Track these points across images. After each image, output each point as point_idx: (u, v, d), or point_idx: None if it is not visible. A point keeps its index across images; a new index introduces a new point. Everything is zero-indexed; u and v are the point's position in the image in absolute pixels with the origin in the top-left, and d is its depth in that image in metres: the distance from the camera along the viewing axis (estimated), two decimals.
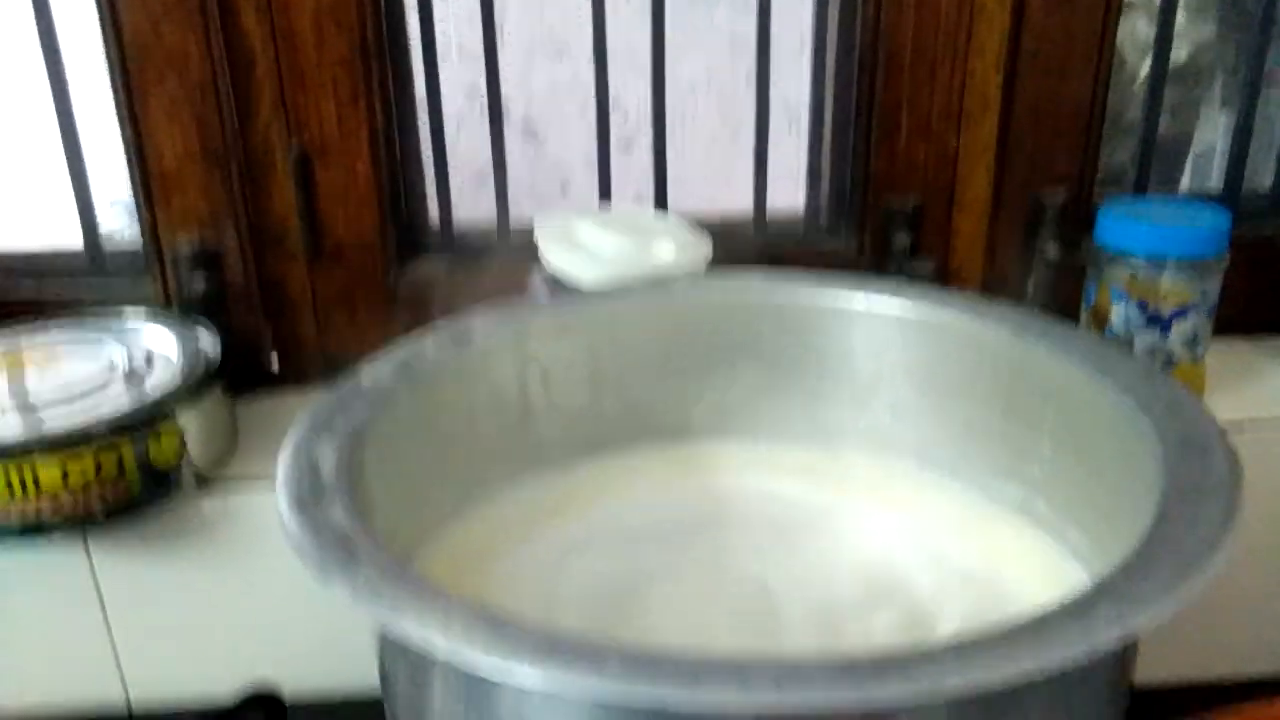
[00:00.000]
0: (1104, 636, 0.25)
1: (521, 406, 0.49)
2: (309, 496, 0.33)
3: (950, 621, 0.41)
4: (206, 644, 0.58)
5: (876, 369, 0.49)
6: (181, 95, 0.58)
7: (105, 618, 0.57)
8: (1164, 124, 0.69)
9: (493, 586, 0.43)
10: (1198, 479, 0.32)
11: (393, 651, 0.34)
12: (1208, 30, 0.80)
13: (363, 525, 0.32)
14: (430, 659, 0.31)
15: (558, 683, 0.25)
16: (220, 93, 0.58)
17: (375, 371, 0.43)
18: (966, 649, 0.25)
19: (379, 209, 0.62)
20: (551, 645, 0.26)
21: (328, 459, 0.36)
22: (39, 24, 0.60)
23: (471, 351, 0.46)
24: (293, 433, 0.37)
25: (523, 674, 0.25)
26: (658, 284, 0.51)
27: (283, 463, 0.35)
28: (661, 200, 0.66)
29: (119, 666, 0.59)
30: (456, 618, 0.27)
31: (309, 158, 0.60)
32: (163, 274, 0.62)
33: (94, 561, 0.56)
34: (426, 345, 0.45)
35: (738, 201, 0.67)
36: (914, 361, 0.48)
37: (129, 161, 0.60)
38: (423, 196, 0.66)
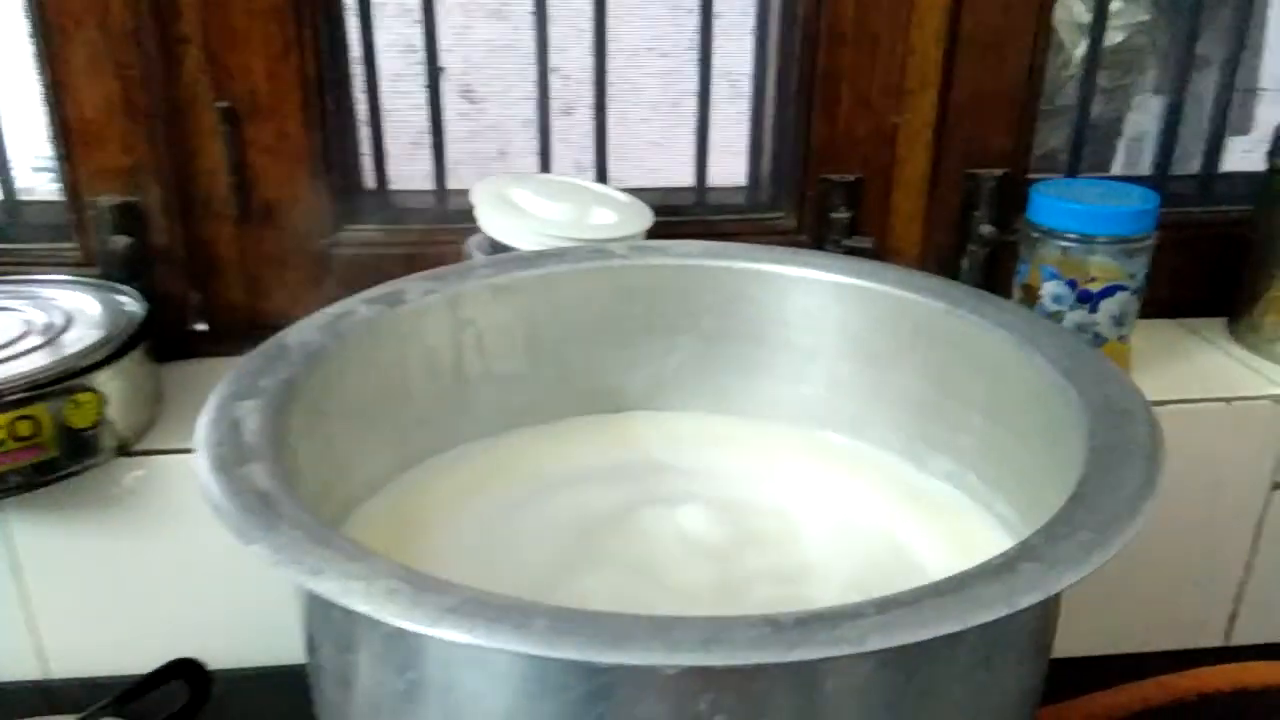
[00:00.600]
0: (1024, 596, 0.26)
1: (456, 372, 0.48)
2: (230, 457, 0.32)
3: (877, 591, 0.41)
4: (127, 614, 0.57)
5: (812, 342, 0.49)
6: (102, 43, 0.56)
7: (21, 586, 0.55)
8: (1098, 107, 0.70)
9: (424, 554, 0.42)
10: (1120, 445, 0.33)
11: (318, 617, 0.33)
12: (1142, 14, 0.82)
13: (286, 486, 0.31)
14: (355, 623, 0.31)
15: (485, 643, 0.25)
16: (143, 42, 0.56)
17: (302, 332, 0.41)
18: (889, 607, 0.25)
19: (311, 169, 0.60)
20: (477, 606, 0.25)
21: (251, 420, 0.35)
22: None
23: (404, 313, 0.45)
24: (215, 393, 0.36)
25: (449, 635, 0.25)
26: (596, 250, 0.51)
27: (203, 424, 0.34)
28: (602, 169, 0.66)
29: (36, 637, 0.57)
30: (380, 579, 0.26)
31: (237, 113, 0.58)
32: (83, 232, 0.59)
33: (11, 529, 0.54)
34: (357, 306, 0.44)
35: (679, 173, 0.66)
36: (849, 334, 0.48)
37: (48, 114, 0.57)
38: (357, 157, 0.65)
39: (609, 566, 0.43)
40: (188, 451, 0.54)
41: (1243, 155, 0.76)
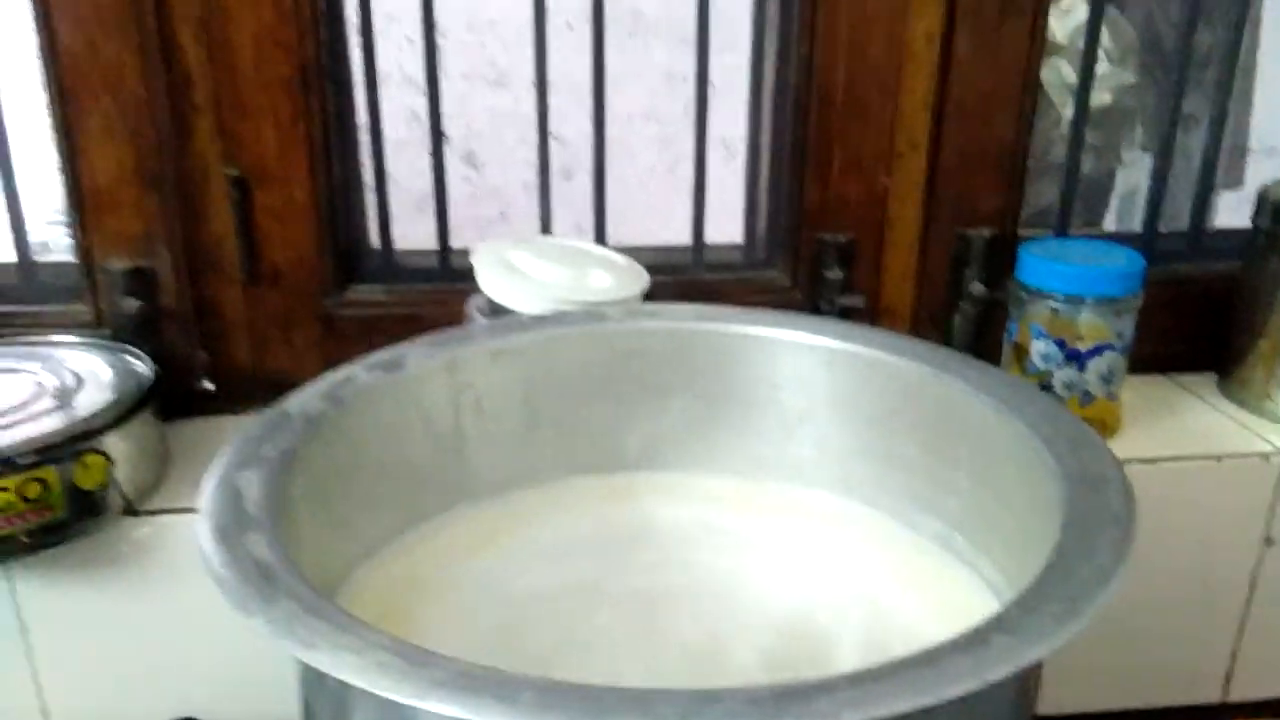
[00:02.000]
0: (996, 670, 0.26)
1: (455, 434, 0.49)
2: (232, 527, 0.33)
3: (862, 651, 0.42)
4: (131, 674, 0.57)
5: (803, 404, 0.50)
6: (116, 113, 0.58)
7: (27, 645, 0.56)
8: (1088, 165, 0.72)
9: (422, 617, 0.43)
10: (1094, 513, 0.34)
11: (313, 684, 0.34)
12: (1129, 77, 0.83)
13: (285, 557, 0.32)
14: (349, 692, 0.31)
15: (473, 716, 0.25)
16: (157, 112, 0.58)
17: (304, 399, 0.43)
18: (862, 681, 0.26)
19: (317, 233, 0.62)
20: (465, 680, 0.26)
21: (253, 488, 0.36)
22: None
23: (403, 378, 0.46)
24: (218, 462, 0.37)
25: (437, 708, 0.26)
26: (593, 314, 0.52)
27: (206, 493, 0.35)
28: (600, 230, 0.67)
29: (40, 696, 0.58)
30: (371, 652, 0.27)
31: (247, 180, 0.60)
32: (95, 295, 0.61)
33: (16, 588, 0.55)
34: (357, 372, 0.45)
35: (676, 233, 0.68)
36: (838, 396, 0.49)
37: (64, 180, 0.59)
38: (362, 221, 0.66)
39: (605, 629, 0.44)
40: (193, 511, 0.55)
41: (1233, 211, 0.77)
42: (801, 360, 0.50)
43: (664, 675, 0.41)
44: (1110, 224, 0.93)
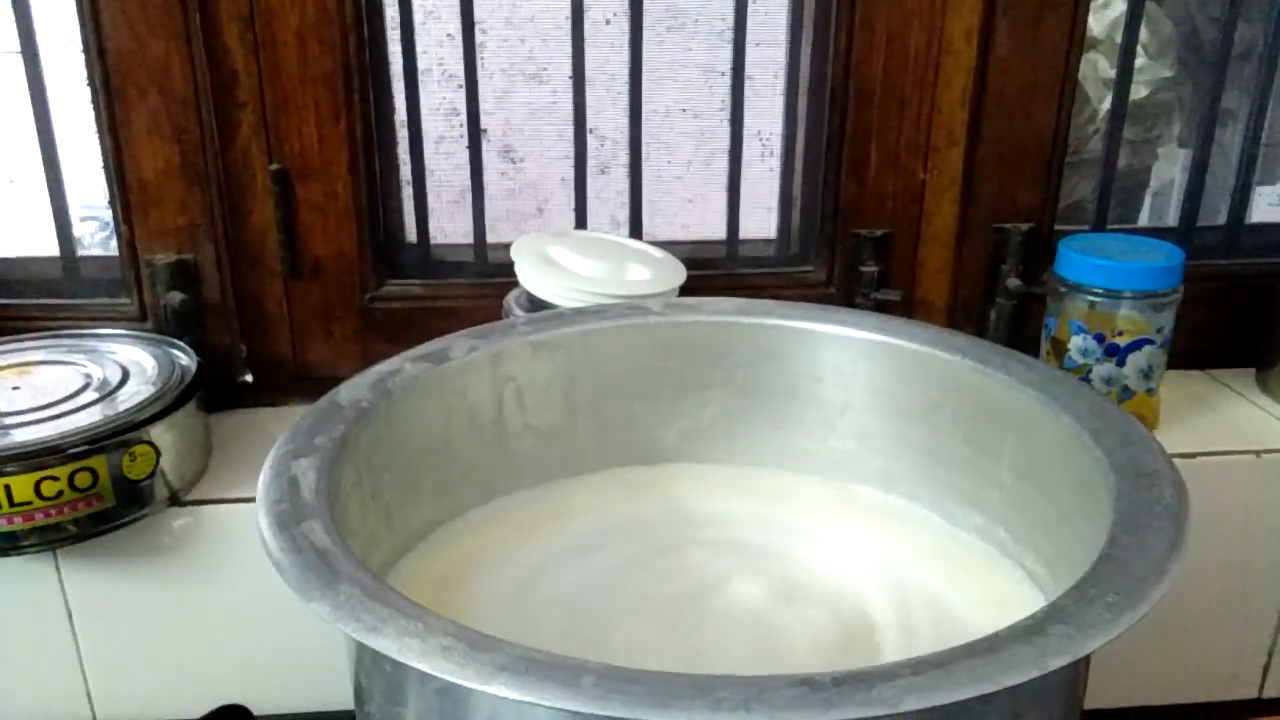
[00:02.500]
0: (1054, 659, 0.26)
1: (497, 426, 0.49)
2: (289, 515, 0.34)
3: (909, 643, 0.42)
4: (175, 660, 0.58)
5: (843, 397, 0.51)
6: (163, 110, 0.58)
7: (73, 633, 0.57)
8: (1124, 160, 0.72)
9: (468, 605, 0.44)
10: (1147, 508, 0.34)
11: (368, 668, 0.34)
12: (1166, 70, 0.83)
13: (342, 543, 0.33)
14: (406, 676, 0.32)
15: (535, 700, 0.26)
16: (202, 108, 0.59)
17: (353, 389, 0.43)
18: (924, 669, 0.26)
19: (357, 227, 0.63)
20: (528, 664, 0.27)
21: (308, 477, 0.36)
22: (20, 35, 0.60)
23: (448, 370, 0.47)
24: (273, 451, 0.38)
25: (500, 692, 0.26)
26: (633, 307, 0.52)
27: (263, 481, 0.36)
28: (636, 224, 0.68)
29: (85, 681, 0.58)
30: (435, 637, 0.28)
31: (289, 175, 0.61)
32: (139, 288, 0.62)
33: (63, 576, 0.56)
34: (404, 364, 0.46)
35: (711, 227, 0.68)
36: (879, 390, 0.49)
37: (107, 175, 0.60)
38: (400, 216, 0.67)
39: (645, 619, 0.44)
40: (236, 501, 0.56)
41: (1270, 208, 0.77)
42: (842, 353, 0.50)
43: (711, 664, 0.41)
44: (1144, 219, 0.93)
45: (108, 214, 0.90)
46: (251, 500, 0.55)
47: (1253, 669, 0.66)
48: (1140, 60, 0.74)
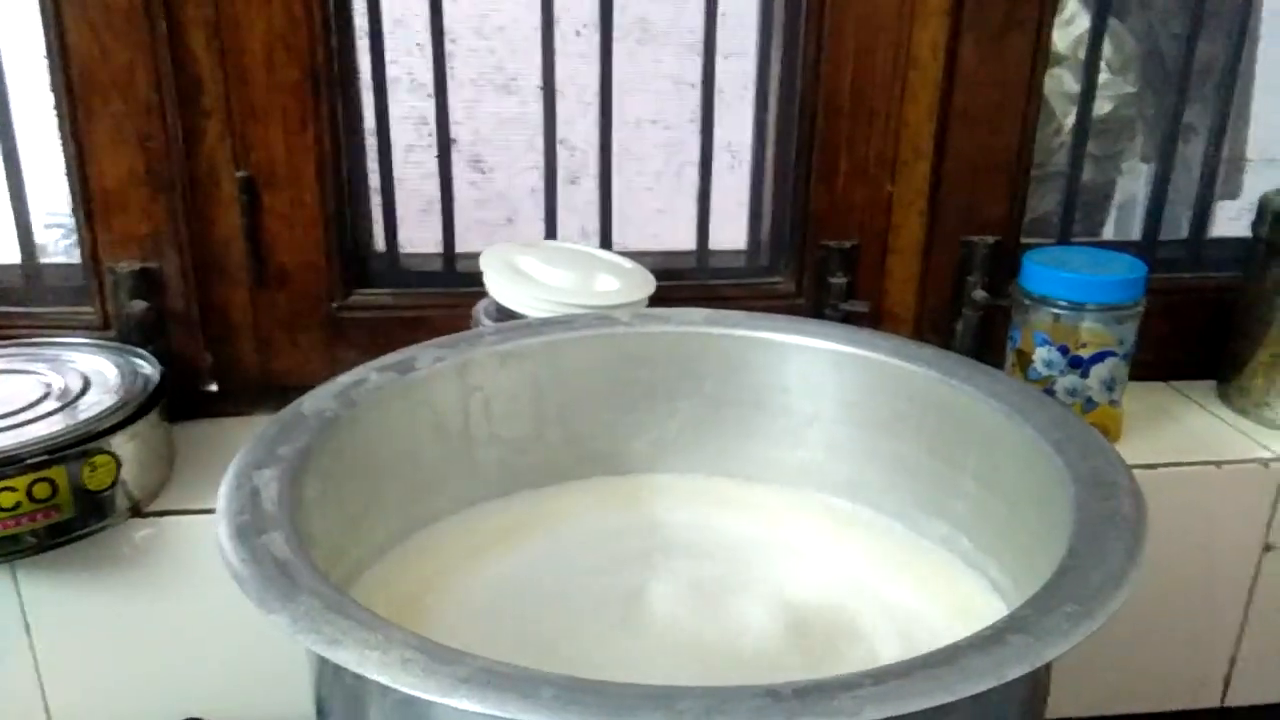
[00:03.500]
0: (1013, 668, 0.27)
1: (464, 436, 0.49)
2: (250, 526, 0.33)
3: (874, 651, 0.42)
4: (135, 673, 0.57)
5: (810, 407, 0.51)
6: (126, 116, 0.58)
7: (31, 646, 0.56)
8: (1088, 174, 0.73)
9: (433, 616, 0.43)
10: (1106, 518, 0.34)
11: (329, 681, 0.34)
12: (1129, 86, 0.84)
13: (304, 555, 0.32)
14: (367, 689, 0.32)
15: (495, 712, 0.26)
16: (166, 115, 0.58)
17: (317, 399, 0.43)
18: (884, 679, 0.26)
19: (325, 236, 0.62)
20: (489, 676, 0.27)
21: (269, 488, 0.36)
22: None
23: (415, 380, 0.46)
24: (235, 461, 0.37)
25: (461, 704, 0.26)
26: (601, 317, 0.52)
27: (224, 492, 0.35)
28: (606, 235, 0.68)
29: (44, 696, 0.57)
30: (396, 649, 0.28)
31: (255, 183, 0.60)
32: (101, 296, 0.61)
33: (20, 589, 0.55)
34: (369, 374, 0.45)
35: (681, 238, 0.68)
36: (846, 401, 0.50)
37: (70, 182, 0.59)
38: (369, 225, 0.66)
39: (612, 629, 0.44)
40: (199, 512, 0.55)
41: (1230, 221, 0.78)
42: (810, 364, 0.50)
43: (675, 674, 0.41)
44: (1109, 233, 0.94)
45: (66, 222, 0.89)
46: (211, 511, 0.55)
47: (1215, 678, 0.66)
48: (1104, 76, 0.75)
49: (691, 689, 0.26)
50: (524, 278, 0.58)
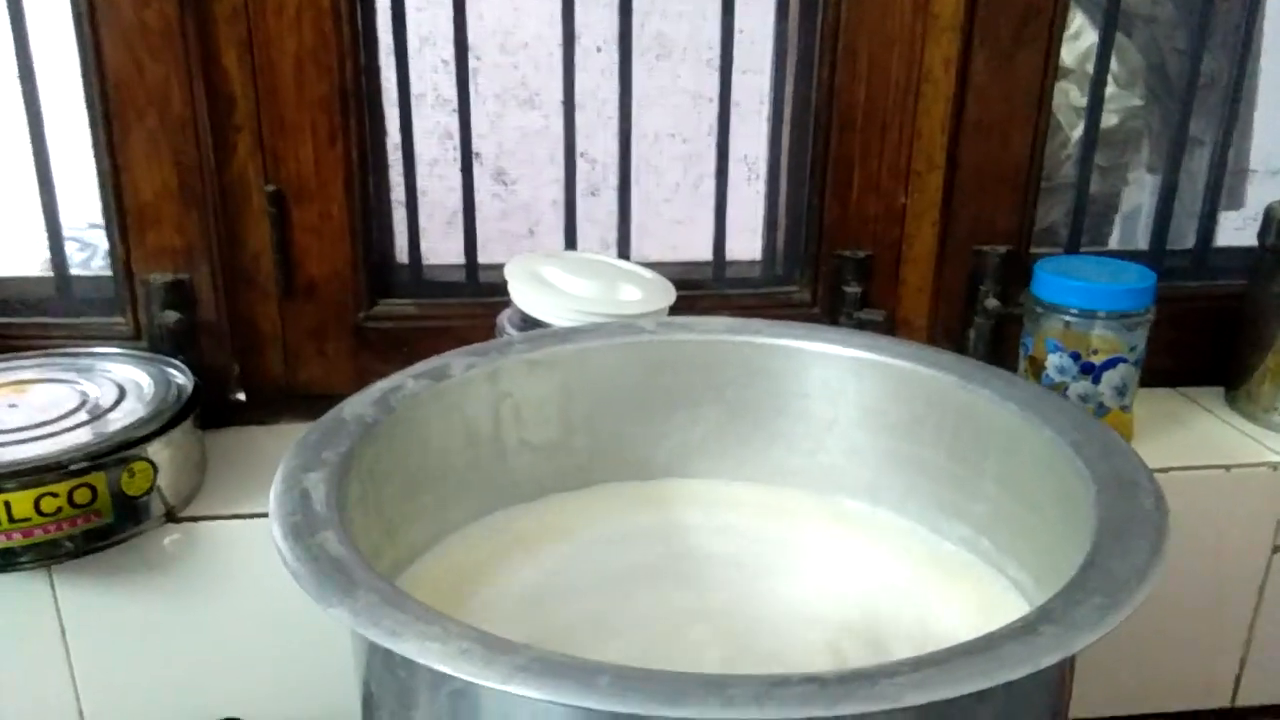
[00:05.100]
0: (1047, 656, 0.28)
1: (494, 441, 0.50)
2: (303, 526, 0.34)
3: (901, 650, 0.43)
4: (170, 676, 0.58)
5: (831, 413, 0.52)
6: (161, 132, 0.59)
7: (67, 649, 0.57)
8: (1095, 184, 0.74)
9: (467, 617, 0.44)
10: (1129, 514, 0.35)
11: (379, 675, 0.35)
12: (1135, 99, 0.86)
13: (356, 553, 0.33)
14: (419, 681, 0.33)
15: (554, 699, 0.27)
16: (199, 130, 0.60)
17: (357, 405, 0.44)
18: (924, 666, 0.27)
19: (352, 248, 0.64)
20: (545, 664, 0.28)
21: (318, 490, 0.37)
22: (18, 57, 0.61)
23: (448, 387, 0.48)
24: (282, 465, 0.39)
25: (521, 691, 0.27)
26: (626, 326, 0.54)
27: (275, 494, 0.37)
28: (625, 246, 0.69)
29: (78, 700, 0.58)
30: (453, 640, 0.29)
31: (285, 197, 0.62)
32: (133, 307, 0.62)
33: (58, 593, 0.56)
34: (406, 380, 0.47)
35: (698, 249, 0.70)
36: (866, 406, 0.51)
37: (104, 196, 0.61)
38: (393, 236, 0.68)
39: (642, 632, 0.45)
40: (231, 517, 0.57)
41: (1235, 231, 0.80)
42: (830, 370, 0.51)
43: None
44: (1113, 243, 0.95)
45: (89, 235, 0.91)
46: (245, 516, 0.57)
47: (1225, 679, 0.67)
48: (1110, 89, 0.76)
49: (743, 677, 0.27)
50: (549, 287, 0.59)
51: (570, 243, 0.69)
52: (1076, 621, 0.29)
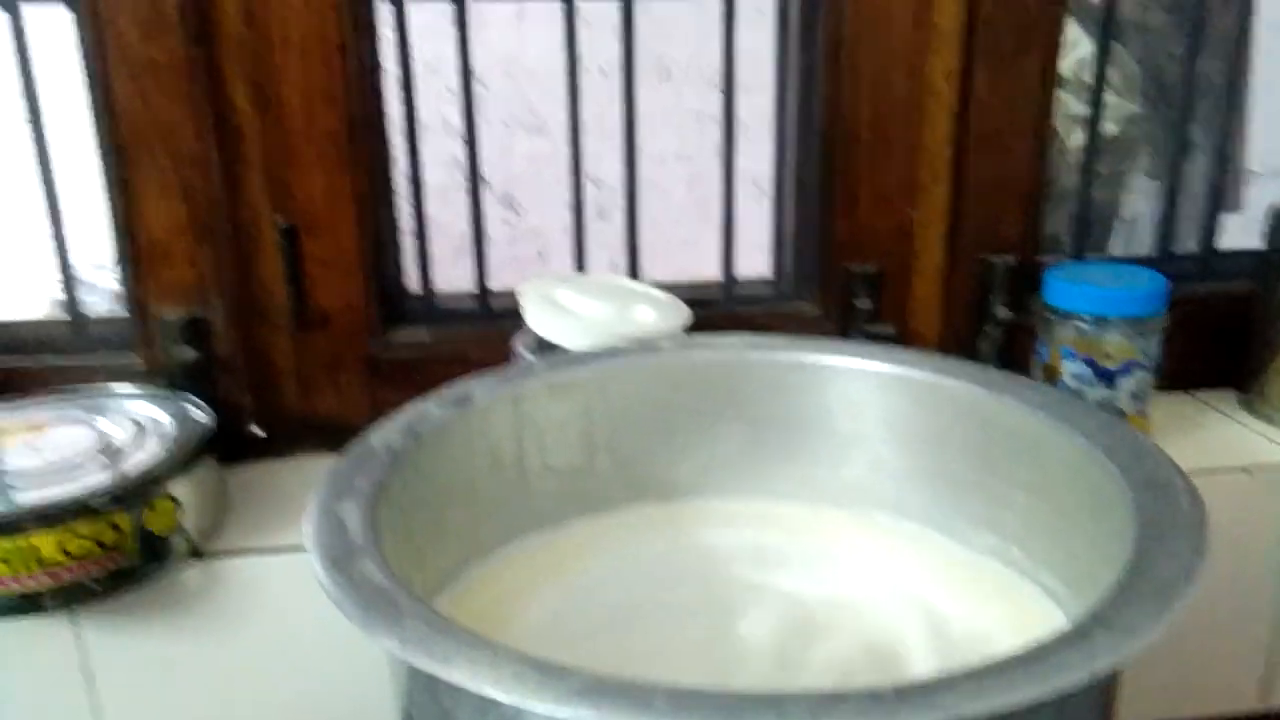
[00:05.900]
0: (1102, 661, 0.28)
1: (518, 466, 0.50)
2: (342, 555, 0.34)
3: (936, 664, 0.43)
4: (197, 715, 0.58)
5: (854, 427, 0.52)
6: (172, 169, 0.59)
7: (93, 692, 0.57)
8: (1095, 192, 0.74)
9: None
10: (1167, 517, 0.35)
11: (421, 703, 0.35)
12: (1133, 107, 0.87)
13: (396, 580, 0.33)
14: (462, 707, 0.32)
15: None
16: (210, 166, 0.60)
17: (384, 434, 0.44)
18: (979, 676, 0.27)
19: (363, 278, 0.64)
20: (600, 686, 0.28)
21: (352, 518, 0.37)
22: (25, 96, 0.61)
23: (472, 413, 0.48)
24: (315, 495, 0.38)
25: (578, 715, 0.27)
26: (645, 346, 0.54)
27: (311, 525, 0.36)
28: (634, 267, 0.69)
29: None
30: (505, 665, 0.29)
31: (296, 230, 0.62)
32: (148, 345, 0.62)
33: (84, 636, 0.55)
34: (430, 408, 0.47)
35: (707, 269, 0.70)
36: (889, 418, 0.51)
37: (116, 234, 0.61)
38: (403, 265, 0.68)
39: (673, 652, 0.45)
40: (255, 552, 0.56)
41: (1236, 234, 0.80)
42: (852, 384, 0.52)
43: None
44: (1114, 249, 0.96)
45: (88, 275, 0.90)
46: (271, 550, 0.56)
47: (1248, 683, 0.67)
48: (1109, 97, 0.77)
49: (798, 693, 0.27)
50: (563, 310, 0.59)
51: (580, 267, 0.69)
52: (1130, 625, 0.29)
